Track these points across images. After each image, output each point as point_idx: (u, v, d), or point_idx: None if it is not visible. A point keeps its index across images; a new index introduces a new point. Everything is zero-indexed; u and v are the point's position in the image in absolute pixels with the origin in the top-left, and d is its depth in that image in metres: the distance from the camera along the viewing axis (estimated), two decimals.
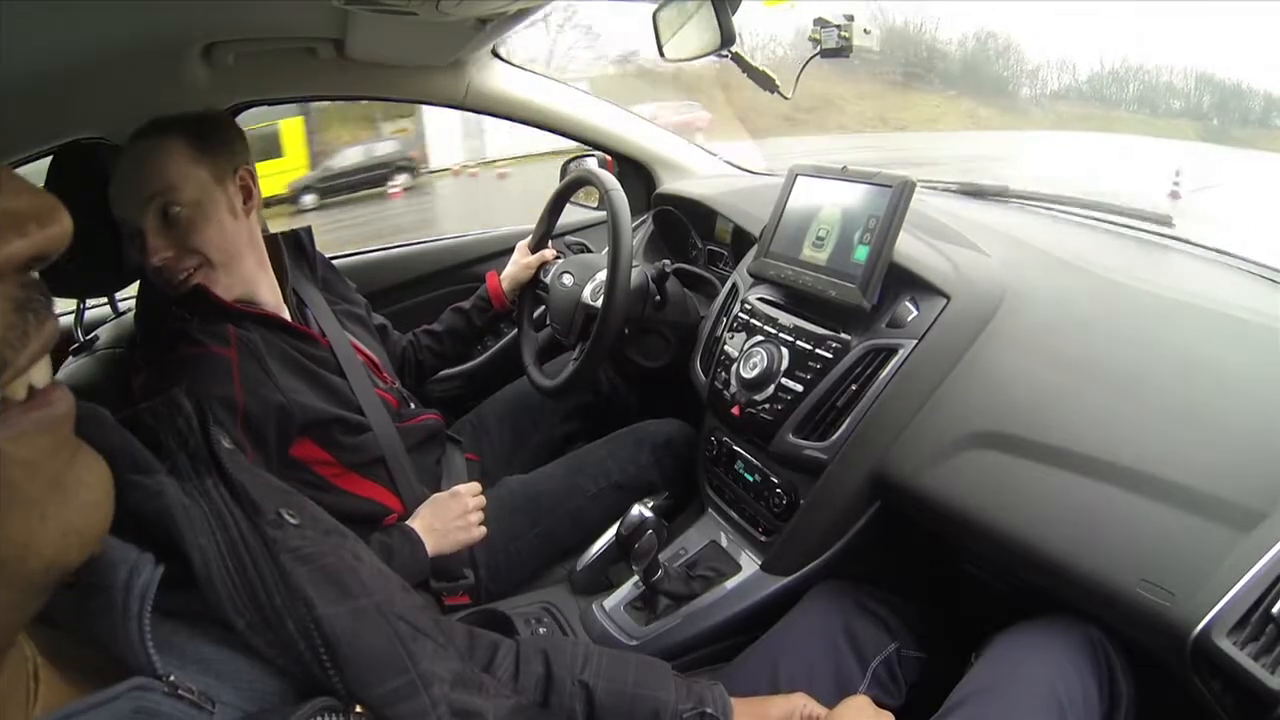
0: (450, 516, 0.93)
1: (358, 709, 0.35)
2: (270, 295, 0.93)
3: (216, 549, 0.34)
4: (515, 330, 1.34)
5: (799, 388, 0.88)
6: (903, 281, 0.86)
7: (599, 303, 1.04)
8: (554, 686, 0.56)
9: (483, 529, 0.95)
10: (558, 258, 1.24)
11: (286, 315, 0.94)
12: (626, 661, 0.60)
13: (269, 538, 0.36)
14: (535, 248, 1.24)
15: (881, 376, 0.83)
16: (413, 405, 1.07)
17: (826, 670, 0.74)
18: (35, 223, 0.23)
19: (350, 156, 9.61)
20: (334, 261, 1.36)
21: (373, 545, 0.86)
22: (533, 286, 1.24)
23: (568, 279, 1.17)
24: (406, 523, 0.92)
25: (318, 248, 1.08)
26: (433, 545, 0.90)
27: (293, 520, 0.40)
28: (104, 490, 0.27)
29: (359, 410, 0.93)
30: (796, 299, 0.96)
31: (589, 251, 1.50)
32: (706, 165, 1.61)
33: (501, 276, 1.24)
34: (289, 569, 0.36)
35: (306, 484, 0.88)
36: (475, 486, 0.98)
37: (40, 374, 0.25)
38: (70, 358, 1.06)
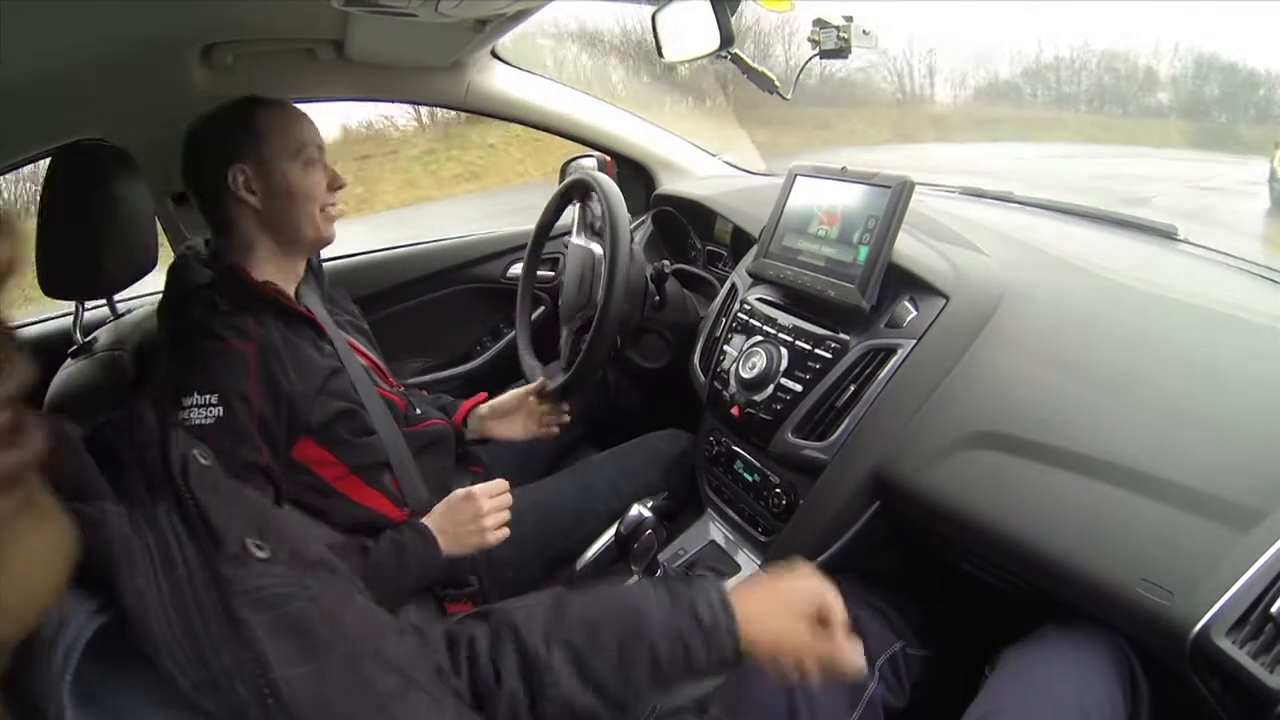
0: (463, 519, 0.90)
1: None
2: (290, 289, 0.95)
3: (156, 592, 0.30)
4: (514, 331, 1.34)
5: (798, 388, 0.88)
6: (902, 282, 0.86)
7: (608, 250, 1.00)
8: (531, 662, 0.49)
9: (502, 532, 0.91)
10: (550, 258, 1.23)
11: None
12: (595, 595, 0.53)
13: (223, 579, 0.32)
14: (535, 243, 1.23)
15: (880, 377, 0.83)
16: (419, 411, 1.06)
17: None
18: None
19: None
20: (334, 263, 1.36)
21: (383, 543, 0.85)
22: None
23: (568, 281, 1.16)
24: (421, 521, 0.90)
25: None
26: (444, 546, 0.88)
27: (260, 553, 0.35)
28: (46, 561, 0.23)
29: (362, 405, 0.93)
30: (796, 299, 0.96)
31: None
32: (706, 166, 1.61)
33: (485, 405, 1.12)
34: (244, 618, 0.31)
35: (308, 488, 0.87)
36: (495, 486, 0.92)
37: None
38: (69, 360, 1.06)
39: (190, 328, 0.83)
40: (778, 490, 0.91)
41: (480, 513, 0.91)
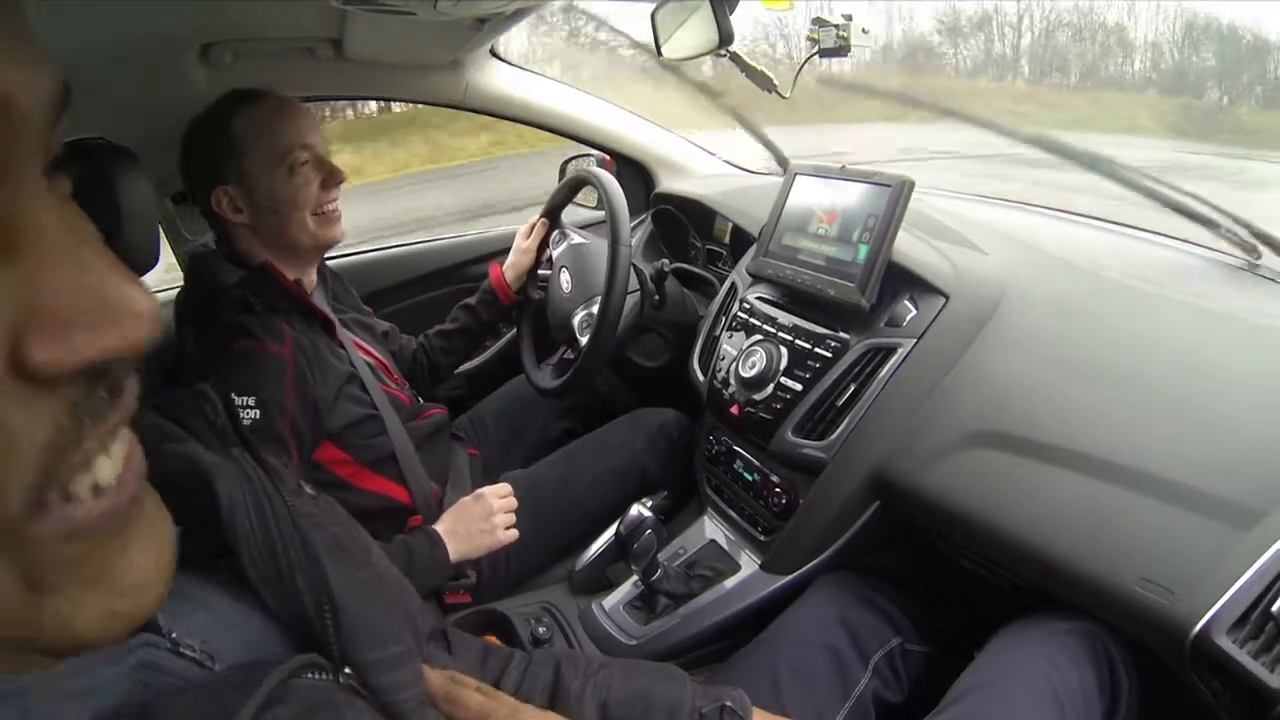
0: (473, 520, 0.92)
1: (346, 670, 0.35)
2: (308, 290, 0.95)
3: (242, 497, 0.36)
4: (515, 330, 1.34)
5: (798, 387, 0.88)
6: (902, 281, 0.86)
7: (585, 339, 1.05)
8: (561, 689, 0.55)
9: (512, 533, 0.94)
10: (556, 231, 1.23)
11: None
12: (642, 667, 0.59)
13: (289, 502, 0.38)
14: (550, 207, 1.22)
15: (880, 376, 0.83)
16: (421, 401, 1.09)
17: (826, 663, 0.73)
18: (112, 325, 0.20)
19: None
20: (334, 261, 1.36)
21: (394, 545, 0.86)
22: (535, 271, 1.23)
23: (565, 279, 1.16)
24: (432, 526, 0.92)
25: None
26: (455, 549, 0.90)
27: (310, 492, 0.42)
28: (157, 573, 0.26)
29: (374, 408, 0.95)
30: (795, 298, 0.96)
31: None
32: (705, 165, 1.61)
33: (504, 267, 1.22)
34: (305, 529, 0.37)
35: (326, 484, 0.89)
36: (503, 489, 0.97)
37: (105, 470, 0.23)
38: None
39: (224, 328, 0.83)
40: (778, 490, 0.91)
41: (490, 512, 0.93)
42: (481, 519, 0.92)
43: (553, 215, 1.22)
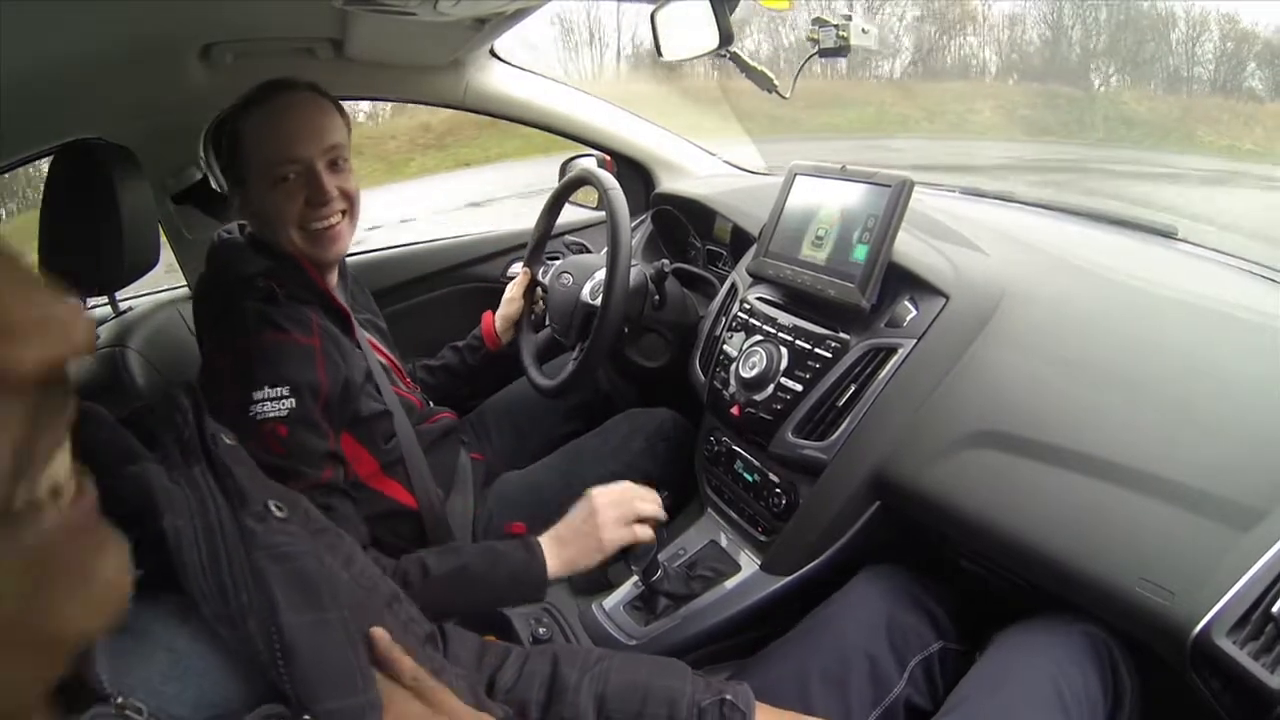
0: (615, 505, 0.83)
1: (305, 718, 0.34)
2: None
3: (192, 531, 0.35)
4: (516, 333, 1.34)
5: (798, 387, 0.88)
6: (902, 281, 0.86)
7: (598, 301, 1.04)
8: (558, 683, 0.55)
9: (646, 530, 0.83)
10: (542, 267, 1.25)
11: None
12: (641, 660, 0.59)
13: (247, 531, 0.37)
14: (533, 248, 1.24)
15: (881, 376, 0.82)
16: (430, 405, 1.09)
17: (862, 670, 0.70)
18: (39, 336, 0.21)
19: None
20: None
21: (480, 549, 0.81)
22: (529, 305, 1.25)
23: (567, 279, 1.17)
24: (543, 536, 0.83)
25: None
26: (560, 556, 0.80)
27: (279, 514, 0.40)
28: (122, 571, 0.27)
29: (387, 409, 0.95)
30: (796, 298, 0.96)
31: (588, 251, 1.50)
32: (705, 165, 1.61)
33: (495, 316, 1.24)
34: (262, 567, 0.36)
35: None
36: (650, 492, 0.86)
37: (60, 467, 0.24)
38: None
39: (249, 318, 0.81)
40: (778, 490, 0.91)
41: (634, 498, 0.84)
42: (615, 506, 0.82)
43: (533, 259, 1.24)
